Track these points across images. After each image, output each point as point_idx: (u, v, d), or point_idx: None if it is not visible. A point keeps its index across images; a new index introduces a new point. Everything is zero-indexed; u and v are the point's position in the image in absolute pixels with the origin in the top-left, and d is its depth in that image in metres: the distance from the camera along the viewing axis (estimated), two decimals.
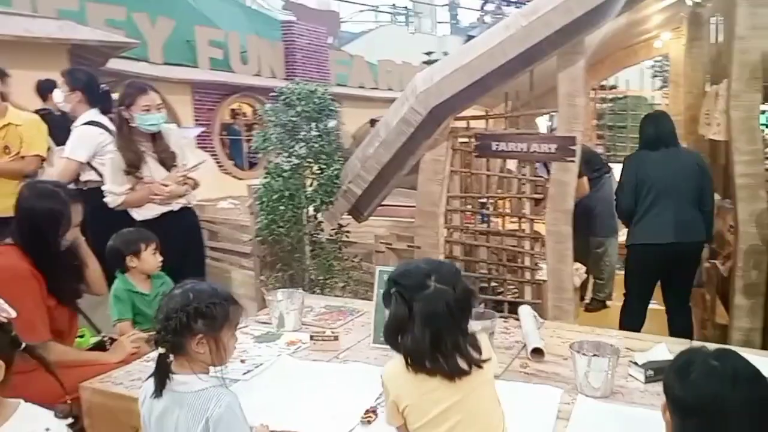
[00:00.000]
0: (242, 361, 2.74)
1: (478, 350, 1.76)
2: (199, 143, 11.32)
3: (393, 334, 1.75)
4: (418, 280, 1.73)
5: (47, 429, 1.75)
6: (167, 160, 3.94)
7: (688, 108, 5.61)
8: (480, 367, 1.74)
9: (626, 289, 4.59)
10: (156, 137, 3.92)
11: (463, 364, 1.71)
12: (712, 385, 1.43)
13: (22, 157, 4.23)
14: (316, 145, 4.42)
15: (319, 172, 4.49)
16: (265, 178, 4.53)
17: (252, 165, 12.26)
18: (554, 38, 3.60)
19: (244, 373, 2.61)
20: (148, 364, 1.94)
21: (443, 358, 1.70)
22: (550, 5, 3.56)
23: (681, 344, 2.73)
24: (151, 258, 3.34)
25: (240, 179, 11.10)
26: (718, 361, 1.47)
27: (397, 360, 1.77)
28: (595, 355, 2.36)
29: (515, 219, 4.26)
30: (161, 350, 1.90)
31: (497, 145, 3.99)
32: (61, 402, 1.93)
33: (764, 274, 3.80)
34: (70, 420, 1.82)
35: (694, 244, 4.23)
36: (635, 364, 2.48)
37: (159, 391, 1.90)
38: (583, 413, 2.19)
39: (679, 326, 4.28)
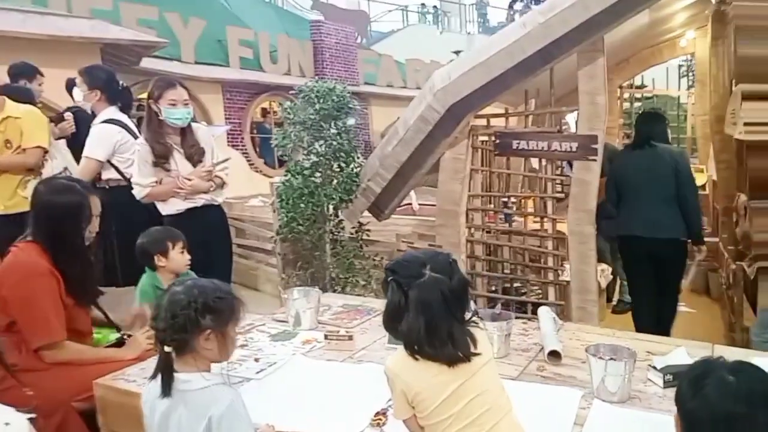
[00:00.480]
0: (256, 360, 2.73)
1: (474, 341, 1.78)
2: (230, 141, 11.46)
3: (390, 322, 1.80)
4: (414, 269, 1.77)
5: (7, 423, 1.74)
6: (194, 156, 3.92)
7: (714, 107, 5.48)
8: (468, 360, 1.75)
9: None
10: (185, 132, 3.92)
11: (458, 353, 1.74)
12: (725, 401, 1.36)
13: (24, 150, 4.21)
14: (335, 143, 4.40)
15: (338, 169, 4.47)
16: (286, 175, 4.52)
17: (282, 163, 12.28)
18: (572, 35, 3.55)
19: (257, 372, 2.61)
20: None
21: (439, 345, 1.72)
22: (567, 2, 3.51)
23: (702, 348, 2.67)
24: (179, 257, 3.32)
25: (270, 177, 11.14)
26: (735, 376, 1.39)
27: (399, 351, 1.80)
28: (611, 358, 2.30)
29: (538, 218, 4.20)
30: (167, 349, 1.88)
31: (518, 143, 3.96)
32: (28, 405, 1.91)
33: None
34: (31, 415, 1.81)
35: (667, 241, 4.30)
36: (654, 368, 2.41)
37: (167, 391, 1.88)
38: (599, 418, 2.13)
39: (659, 320, 4.45)
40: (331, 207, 4.57)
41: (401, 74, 15.31)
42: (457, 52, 16.10)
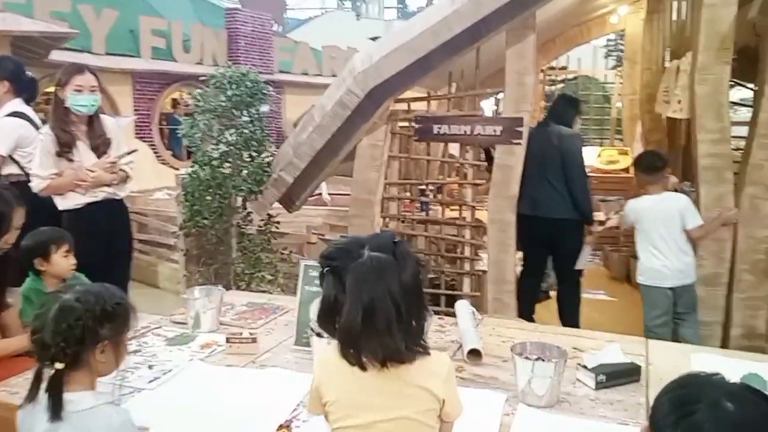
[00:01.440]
0: (150, 367, 2.48)
1: (416, 344, 1.53)
2: (137, 133, 11.40)
3: (325, 317, 1.58)
4: (351, 252, 1.54)
5: None
6: (100, 147, 3.76)
7: (645, 86, 5.43)
8: (401, 362, 1.50)
9: None
10: (92, 122, 3.75)
11: (394, 347, 1.48)
12: None
13: None
14: (247, 131, 4.25)
15: (249, 159, 4.33)
16: (192, 167, 4.37)
17: (191, 155, 12.05)
18: (503, 11, 3.43)
19: (150, 381, 2.35)
20: None
21: (376, 338, 1.47)
22: None
23: (636, 343, 2.53)
24: (62, 261, 3.04)
25: (177, 169, 11.01)
26: (735, 405, 1.09)
27: (333, 345, 1.58)
28: (539, 358, 2.11)
29: (456, 207, 4.07)
30: (59, 366, 1.63)
31: (439, 128, 3.84)
32: None
33: (727, 263, 3.61)
34: None
35: (553, 220, 4.31)
36: (584, 367, 2.21)
37: (57, 414, 1.61)
38: (525, 425, 1.95)
39: (561, 310, 4.54)
40: (239, 199, 4.42)
41: (317, 62, 15.35)
42: (374, 39, 16.02)
